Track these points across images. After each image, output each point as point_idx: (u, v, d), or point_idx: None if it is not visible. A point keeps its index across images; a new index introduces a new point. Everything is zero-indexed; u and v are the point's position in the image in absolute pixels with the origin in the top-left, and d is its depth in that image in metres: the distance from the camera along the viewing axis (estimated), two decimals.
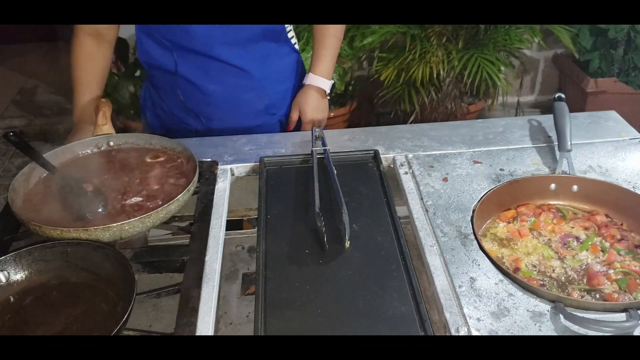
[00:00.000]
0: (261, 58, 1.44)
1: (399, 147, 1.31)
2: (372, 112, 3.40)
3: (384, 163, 1.27)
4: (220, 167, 1.25)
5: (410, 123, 3.04)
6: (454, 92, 2.88)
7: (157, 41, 1.40)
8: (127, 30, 2.98)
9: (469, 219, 1.10)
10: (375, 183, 1.19)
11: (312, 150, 1.25)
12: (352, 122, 3.22)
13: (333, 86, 1.59)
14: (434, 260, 1.01)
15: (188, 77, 1.42)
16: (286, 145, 1.32)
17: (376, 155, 1.27)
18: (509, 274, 0.99)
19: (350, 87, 3.09)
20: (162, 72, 1.45)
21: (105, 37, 1.43)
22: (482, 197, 1.16)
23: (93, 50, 1.41)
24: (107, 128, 1.26)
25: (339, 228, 1.05)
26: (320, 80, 1.54)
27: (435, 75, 2.73)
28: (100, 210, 1.08)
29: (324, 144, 1.26)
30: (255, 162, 1.26)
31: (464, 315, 0.90)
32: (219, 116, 1.48)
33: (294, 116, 1.53)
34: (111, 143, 1.26)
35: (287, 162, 1.26)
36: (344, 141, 1.33)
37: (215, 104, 1.46)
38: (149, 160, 1.22)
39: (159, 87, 1.51)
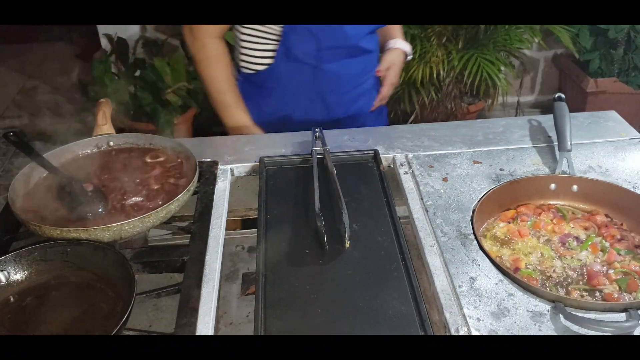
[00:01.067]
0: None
1: (399, 147, 1.30)
2: None
3: (384, 163, 1.27)
4: (220, 167, 1.25)
5: (410, 123, 3.04)
6: (454, 92, 2.88)
7: (304, 39, 1.44)
8: (127, 30, 3.00)
9: (469, 219, 1.10)
10: (375, 183, 1.19)
11: (312, 150, 1.25)
12: None
13: None
14: (434, 260, 1.01)
15: (330, 68, 1.50)
16: (286, 145, 1.32)
17: (376, 155, 1.27)
18: (509, 274, 0.99)
19: None
20: (300, 65, 1.48)
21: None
22: (482, 197, 1.16)
23: (223, 50, 1.53)
24: (107, 128, 1.26)
25: (339, 228, 1.05)
26: (407, 45, 1.65)
27: (435, 75, 2.73)
28: (100, 210, 1.08)
29: (324, 144, 1.26)
30: (255, 162, 1.26)
31: (464, 315, 0.90)
32: (344, 101, 1.58)
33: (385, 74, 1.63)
34: (111, 143, 1.27)
35: (287, 162, 1.26)
36: (344, 141, 1.33)
37: (346, 91, 1.57)
38: (149, 160, 1.22)
39: (287, 80, 1.52)
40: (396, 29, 1.67)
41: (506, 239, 1.13)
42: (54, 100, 3.75)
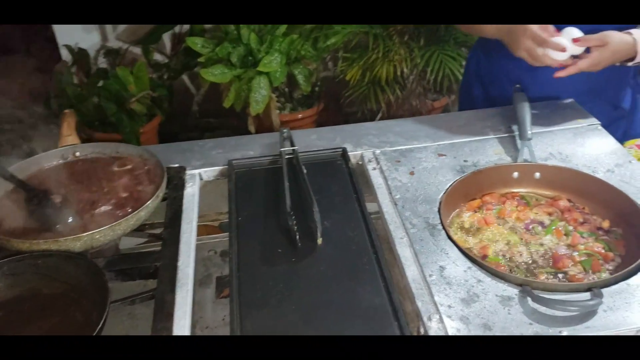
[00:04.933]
0: None
1: (366, 144, 1.33)
2: (340, 112, 3.43)
3: (353, 160, 1.29)
4: (188, 172, 1.25)
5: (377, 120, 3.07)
6: (418, 89, 2.92)
7: None
8: (87, 40, 2.96)
9: (436, 210, 1.13)
10: (345, 180, 1.21)
11: (280, 151, 1.26)
12: (321, 123, 3.23)
13: None
14: (404, 251, 1.03)
15: None
16: (254, 147, 1.33)
17: (344, 152, 1.28)
18: (477, 261, 1.02)
19: (316, 88, 3.11)
20: None
21: None
22: (447, 189, 1.19)
23: None
24: (72, 139, 1.25)
25: (310, 226, 1.06)
26: None
27: (399, 74, 2.76)
28: (69, 220, 1.07)
29: (292, 144, 1.28)
30: (224, 165, 1.27)
31: (435, 303, 0.92)
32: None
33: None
34: (77, 153, 1.25)
35: (256, 164, 1.27)
36: (312, 140, 1.34)
37: None
38: (116, 168, 1.21)
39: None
40: None
41: (473, 227, 1.16)
42: (16, 115, 3.67)
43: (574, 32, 1.24)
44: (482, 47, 1.60)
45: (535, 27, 1.24)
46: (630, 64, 1.31)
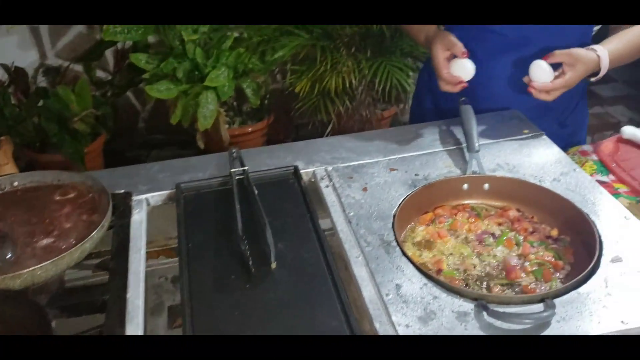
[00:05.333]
0: None
1: (318, 161, 1.31)
2: (290, 124, 3.42)
3: (305, 178, 1.27)
4: (134, 197, 1.20)
5: (328, 133, 3.08)
6: (367, 99, 2.94)
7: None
8: (25, 59, 2.85)
9: (390, 226, 1.13)
10: (298, 199, 1.20)
11: (230, 172, 1.23)
12: (271, 136, 3.22)
13: None
14: (360, 271, 1.02)
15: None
16: (203, 169, 1.29)
17: (296, 171, 1.27)
18: (432, 277, 1.02)
19: (266, 101, 3.09)
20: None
21: None
22: (400, 203, 1.19)
23: None
24: (10, 168, 1.19)
25: (264, 250, 1.04)
26: (606, 62, 1.30)
27: (348, 85, 2.77)
28: (8, 256, 1.01)
29: (242, 164, 1.25)
30: (172, 189, 1.23)
31: (392, 324, 0.91)
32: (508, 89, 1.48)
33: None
34: (15, 183, 1.19)
35: (205, 186, 1.23)
36: (263, 159, 1.32)
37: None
38: (58, 198, 1.15)
39: None
40: (609, 42, 1.35)
41: (427, 241, 1.16)
42: None
43: (466, 63, 1.32)
44: None
45: (436, 51, 1.34)
46: (593, 79, 1.35)
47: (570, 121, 1.59)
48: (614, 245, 1.06)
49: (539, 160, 1.31)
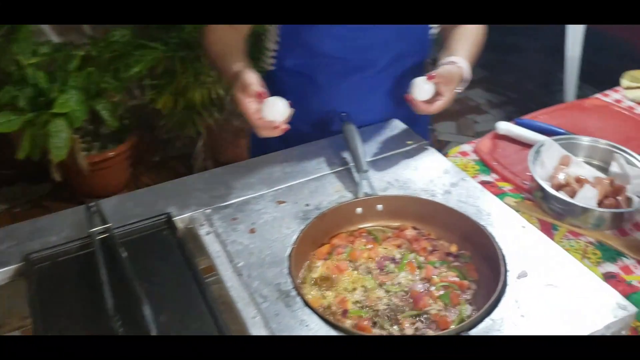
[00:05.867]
0: None
1: (194, 204, 1.16)
2: (157, 142, 3.18)
3: (181, 226, 1.11)
4: None
5: (198, 148, 2.90)
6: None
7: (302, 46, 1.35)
8: None
9: (287, 271, 1.01)
10: (175, 255, 1.03)
11: (90, 233, 1.04)
12: (136, 157, 2.97)
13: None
14: (259, 333, 0.89)
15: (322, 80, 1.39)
16: (56, 231, 1.08)
17: (169, 219, 1.10)
18: (339, 326, 0.92)
19: (126, 121, 2.82)
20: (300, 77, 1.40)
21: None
22: (294, 242, 1.07)
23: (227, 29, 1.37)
24: None
25: (142, 326, 0.87)
26: (466, 67, 1.31)
27: (214, 96, 2.61)
28: None
29: (103, 220, 1.06)
30: (20, 262, 1.01)
31: None
32: (360, 109, 1.40)
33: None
34: None
35: (61, 253, 1.03)
36: (129, 209, 1.14)
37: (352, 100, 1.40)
38: None
39: (294, 94, 1.30)
40: (462, 43, 1.37)
41: (327, 278, 1.07)
42: None
43: (276, 103, 1.17)
44: None
45: (238, 96, 1.18)
46: (459, 89, 1.34)
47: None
48: (517, 258, 1.03)
49: (427, 172, 1.26)
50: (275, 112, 1.14)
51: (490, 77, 4.19)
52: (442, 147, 3.41)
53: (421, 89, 1.24)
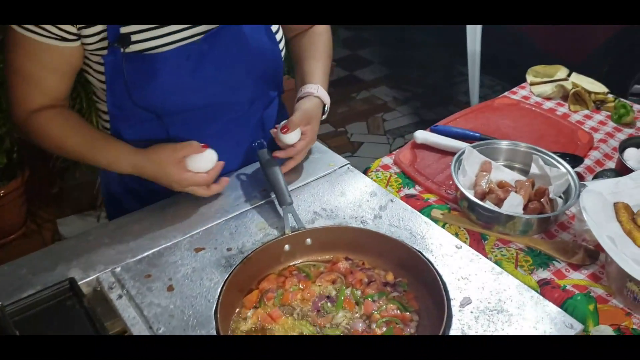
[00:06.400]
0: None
1: (100, 262, 1.02)
2: (52, 174, 2.92)
3: (87, 291, 0.97)
4: None
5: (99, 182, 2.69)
6: None
7: (141, 115, 1.14)
8: None
9: (214, 332, 0.90)
10: (85, 329, 0.90)
11: None
12: (31, 193, 2.71)
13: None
14: None
15: (183, 135, 1.17)
16: None
17: (72, 285, 0.96)
18: None
19: (15, 155, 2.56)
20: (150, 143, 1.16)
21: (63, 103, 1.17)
22: (219, 295, 0.97)
23: (64, 113, 1.15)
24: None
25: None
26: (326, 95, 1.30)
27: None
28: None
29: None
30: None
31: None
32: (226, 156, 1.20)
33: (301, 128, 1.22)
34: None
35: None
36: (21, 278, 0.98)
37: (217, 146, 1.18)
38: None
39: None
40: (315, 67, 1.32)
41: (260, 329, 0.97)
42: None
43: (211, 155, 1.14)
44: None
45: (172, 171, 1.11)
46: (324, 116, 1.32)
47: None
48: (457, 284, 0.98)
49: (354, 197, 1.19)
50: (204, 163, 1.11)
51: (393, 74, 4.24)
52: (356, 149, 3.39)
53: (284, 138, 1.20)
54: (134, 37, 1.06)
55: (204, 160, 1.11)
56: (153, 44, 1.08)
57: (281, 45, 1.25)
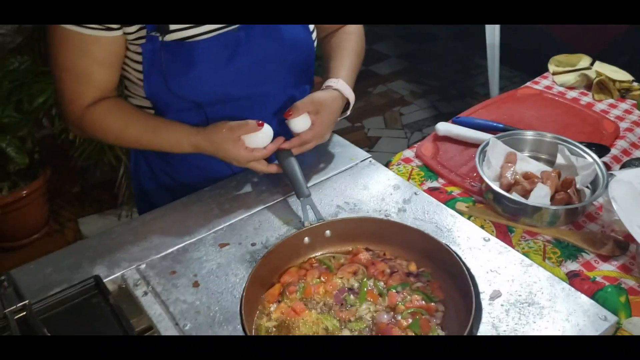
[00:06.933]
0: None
1: (124, 259, 1.02)
2: (74, 172, 2.95)
3: (113, 289, 0.97)
4: None
5: (122, 176, 2.70)
6: None
7: (178, 104, 1.16)
8: None
9: (240, 326, 0.90)
10: (111, 325, 0.90)
11: (4, 314, 0.88)
12: (54, 192, 2.74)
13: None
14: None
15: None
16: None
17: (98, 283, 0.96)
18: None
19: (36, 155, 2.59)
20: None
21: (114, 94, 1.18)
22: (244, 290, 0.96)
23: (119, 103, 1.17)
24: None
25: None
26: (349, 91, 1.25)
27: None
28: None
29: (19, 297, 0.91)
30: None
31: None
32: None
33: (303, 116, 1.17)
34: None
35: None
36: (48, 277, 0.98)
37: None
38: None
39: None
40: (342, 63, 1.29)
41: (283, 325, 0.97)
42: None
43: (268, 132, 1.14)
44: None
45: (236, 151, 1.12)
46: (348, 112, 1.28)
47: None
48: (486, 276, 0.96)
49: (377, 190, 1.18)
50: (261, 140, 1.13)
51: (410, 67, 4.21)
52: (373, 144, 3.37)
53: (289, 124, 1.17)
54: (172, 26, 1.08)
55: (261, 137, 1.12)
56: (190, 32, 1.09)
57: (314, 35, 1.24)
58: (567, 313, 0.89)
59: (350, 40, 1.34)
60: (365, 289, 1.02)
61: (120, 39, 1.09)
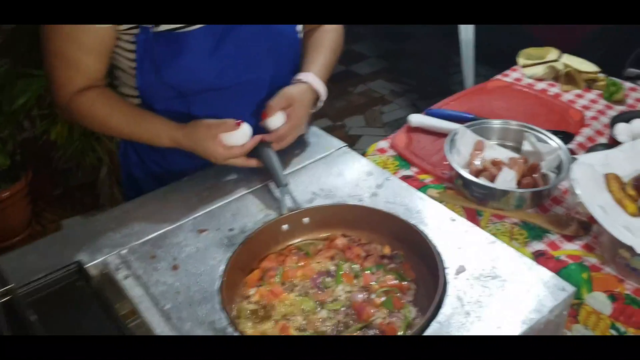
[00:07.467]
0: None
1: (106, 246, 1.05)
2: (55, 174, 2.96)
3: (94, 274, 1.01)
4: None
5: (104, 176, 2.72)
6: None
7: (166, 93, 1.19)
8: None
9: (219, 306, 0.94)
10: (92, 308, 0.93)
11: None
12: (36, 194, 2.75)
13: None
14: None
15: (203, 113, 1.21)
16: None
17: (80, 268, 0.99)
18: None
19: (17, 157, 2.60)
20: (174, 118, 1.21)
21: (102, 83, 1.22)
22: (223, 273, 1.00)
23: (106, 93, 1.21)
24: None
25: None
26: (320, 84, 1.29)
27: None
28: None
29: (4, 281, 0.94)
30: None
31: None
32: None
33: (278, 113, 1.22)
34: None
35: None
36: (31, 263, 1.01)
37: None
38: None
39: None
40: (315, 58, 1.33)
41: (263, 307, 1.00)
42: None
43: (246, 131, 1.18)
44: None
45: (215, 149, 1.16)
46: (319, 104, 1.32)
47: None
48: (452, 253, 1.01)
49: (351, 177, 1.22)
50: (239, 138, 1.16)
51: (389, 67, 4.26)
52: (354, 142, 3.42)
53: (266, 123, 1.21)
54: None
55: (238, 136, 1.16)
56: (180, 23, 1.13)
57: (299, 27, 1.29)
58: (528, 285, 0.94)
59: (326, 38, 1.38)
60: (341, 272, 1.06)
61: (109, 30, 1.12)
